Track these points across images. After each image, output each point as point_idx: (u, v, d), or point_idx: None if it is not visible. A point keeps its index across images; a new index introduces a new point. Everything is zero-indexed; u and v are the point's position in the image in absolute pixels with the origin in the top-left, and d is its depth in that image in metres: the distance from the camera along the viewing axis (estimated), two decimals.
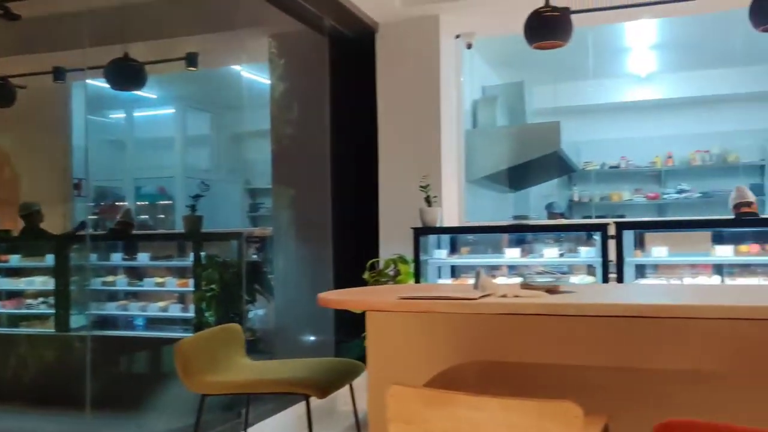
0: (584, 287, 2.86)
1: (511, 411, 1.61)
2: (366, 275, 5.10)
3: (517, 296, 2.22)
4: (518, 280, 5.12)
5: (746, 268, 5.02)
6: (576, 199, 10.30)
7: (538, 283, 2.77)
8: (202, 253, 5.63)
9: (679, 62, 9.00)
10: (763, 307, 1.92)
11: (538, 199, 10.33)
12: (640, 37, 7.92)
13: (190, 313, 5.71)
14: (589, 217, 9.66)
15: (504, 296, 2.23)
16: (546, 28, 4.62)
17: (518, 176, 8.76)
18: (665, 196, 9.79)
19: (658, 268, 5.26)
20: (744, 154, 9.44)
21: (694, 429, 1.50)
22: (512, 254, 5.15)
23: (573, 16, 5.31)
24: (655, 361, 2.26)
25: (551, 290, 2.37)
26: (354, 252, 5.71)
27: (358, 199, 6.03)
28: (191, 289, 5.63)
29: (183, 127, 9.41)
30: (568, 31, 4.85)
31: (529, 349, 2.41)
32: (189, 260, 5.80)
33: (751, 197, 5.76)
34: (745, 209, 5.77)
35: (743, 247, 4.71)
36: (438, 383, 2.03)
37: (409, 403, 1.70)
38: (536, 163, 8.20)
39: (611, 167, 10.09)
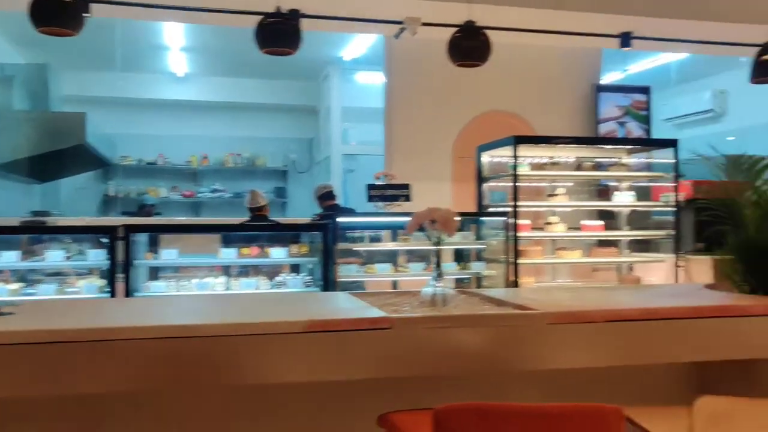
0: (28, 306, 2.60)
1: None
2: None
3: None
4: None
5: (254, 269, 5.44)
6: (112, 193, 9.91)
7: None
8: None
9: (213, 67, 9.40)
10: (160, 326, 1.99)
11: (72, 193, 9.64)
12: (174, 38, 8.00)
13: None
14: (132, 213, 9.40)
15: None
16: (48, 13, 4.24)
17: (43, 167, 8.01)
18: (200, 195, 10.12)
19: (179, 269, 5.33)
20: (270, 159, 10.35)
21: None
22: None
23: (94, 7, 5.03)
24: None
25: None
26: None
27: None
28: None
29: None
30: (78, 20, 4.58)
31: None
32: None
33: (263, 201, 6.31)
34: (259, 212, 6.30)
35: (245, 250, 5.07)
36: None
37: None
38: (63, 154, 7.61)
39: (149, 163, 9.99)
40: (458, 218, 2.45)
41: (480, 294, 2.75)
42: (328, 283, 4.96)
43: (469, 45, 5.08)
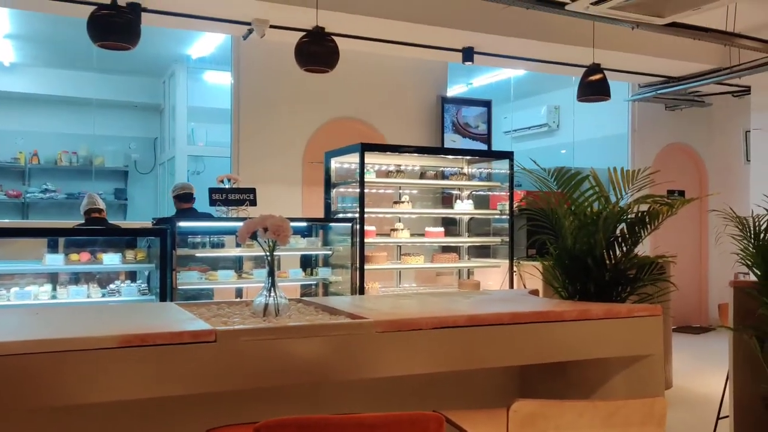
0: None
1: None
2: None
3: None
4: None
5: (87, 276, 5.06)
6: None
7: None
8: None
9: (46, 57, 8.71)
10: None
11: None
12: None
13: None
14: None
15: None
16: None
17: None
18: (29, 195, 9.32)
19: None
20: (110, 158, 9.75)
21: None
22: None
23: None
24: None
25: None
26: None
27: None
28: None
29: None
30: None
31: None
32: None
33: (100, 204, 5.92)
34: (96, 215, 5.89)
35: (74, 256, 4.71)
36: None
37: None
38: None
39: None
40: (304, 224, 2.40)
41: (315, 303, 2.72)
42: (166, 291, 4.72)
43: (317, 50, 5.05)
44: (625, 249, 2.76)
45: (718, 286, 9.25)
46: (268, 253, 2.42)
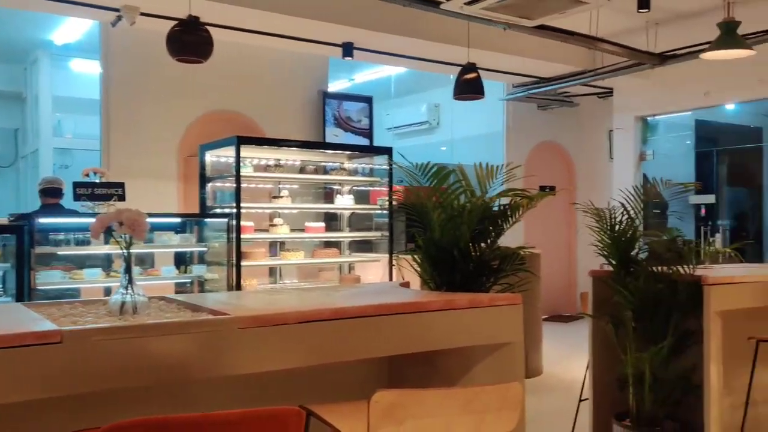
0: None
1: None
2: None
3: None
4: None
5: None
6: None
7: None
8: None
9: None
10: None
11: None
12: None
13: None
14: None
15: None
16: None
17: None
18: None
19: None
20: None
21: None
22: None
23: None
24: None
25: None
26: None
27: None
28: None
29: None
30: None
31: None
32: None
33: None
34: None
35: None
36: None
37: None
38: None
39: None
40: (177, 220, 2.30)
41: (178, 300, 2.63)
42: (23, 292, 4.41)
43: (189, 40, 4.89)
44: (489, 241, 2.85)
45: (584, 277, 9.83)
46: (124, 249, 2.30)
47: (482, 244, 2.89)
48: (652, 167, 8.62)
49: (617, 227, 3.68)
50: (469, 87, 6.35)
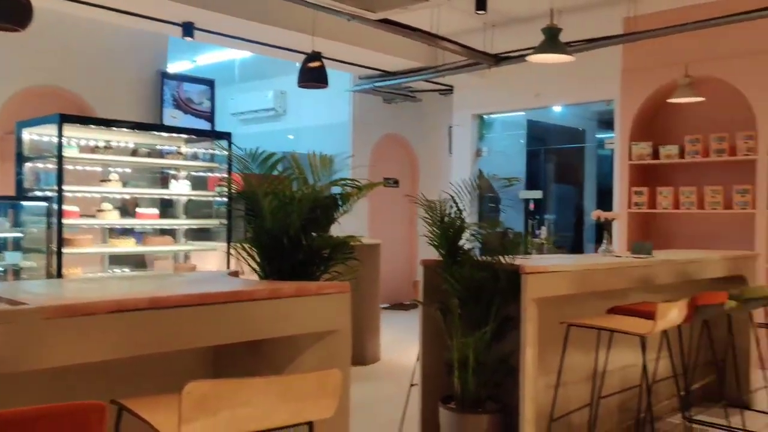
0: None
1: None
2: None
3: None
4: None
5: None
6: None
7: None
8: None
9: None
10: None
11: None
12: None
13: None
14: None
15: None
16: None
17: None
18: None
19: None
20: None
21: None
22: None
23: None
24: None
25: None
26: None
27: None
28: None
29: None
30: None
31: None
32: None
33: None
34: None
35: None
36: None
37: None
38: None
39: None
40: None
41: None
42: None
43: (4, 4, 4.43)
44: (319, 229, 2.85)
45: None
46: None
47: (314, 233, 2.88)
48: (487, 163, 9.09)
49: (446, 219, 3.83)
50: (313, 75, 6.32)
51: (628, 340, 3.98)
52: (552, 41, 4.39)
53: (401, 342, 7.29)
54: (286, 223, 2.77)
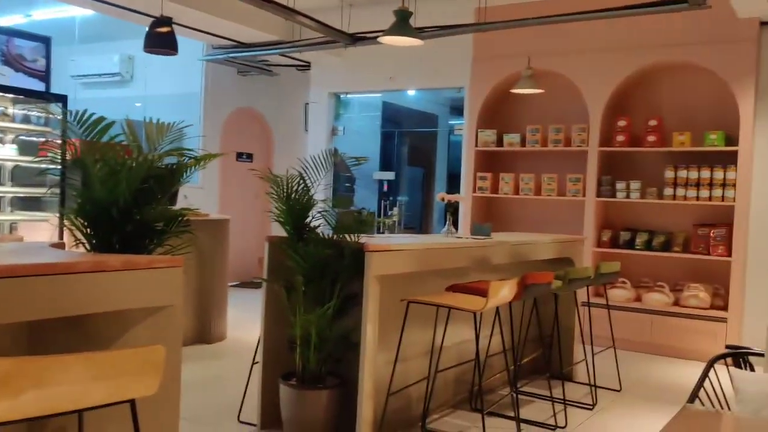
0: None
1: None
2: None
3: None
4: None
5: None
6: None
7: None
8: None
9: None
10: None
11: None
12: None
13: None
14: None
15: None
16: None
17: None
18: None
19: None
20: None
21: None
22: None
23: None
24: None
25: None
26: None
27: None
28: None
29: None
30: None
31: None
32: None
33: None
34: None
35: None
36: None
37: None
38: None
39: None
40: None
41: None
42: None
43: None
44: (154, 201, 2.71)
45: None
46: None
47: (147, 206, 2.73)
48: (343, 142, 9.12)
49: (293, 195, 3.79)
50: (161, 41, 6.01)
51: (464, 316, 4.17)
52: (403, 24, 4.45)
53: (249, 320, 7.17)
54: (116, 192, 2.61)
